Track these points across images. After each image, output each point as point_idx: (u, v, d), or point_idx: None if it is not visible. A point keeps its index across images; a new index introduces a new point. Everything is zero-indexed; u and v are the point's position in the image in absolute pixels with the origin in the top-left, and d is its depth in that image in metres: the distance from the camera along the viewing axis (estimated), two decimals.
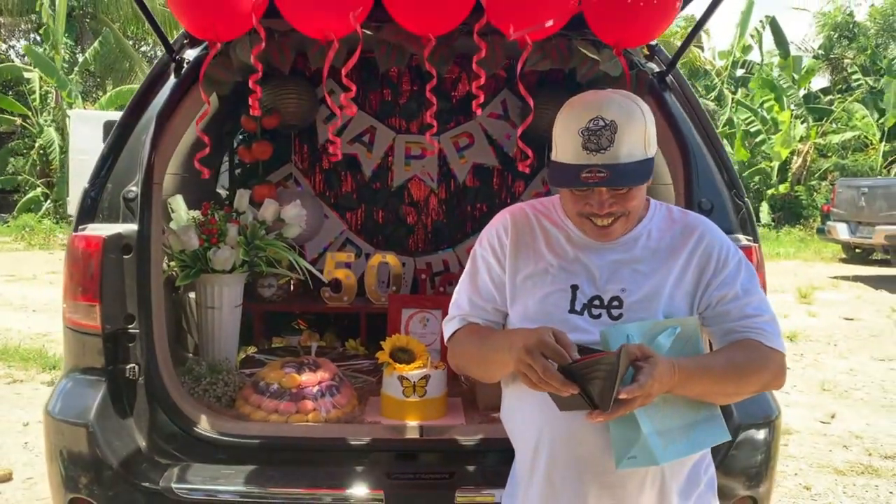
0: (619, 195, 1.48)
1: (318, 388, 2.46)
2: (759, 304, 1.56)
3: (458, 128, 3.96)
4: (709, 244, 1.57)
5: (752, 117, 18.72)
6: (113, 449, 2.13)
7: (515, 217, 1.65)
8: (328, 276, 3.39)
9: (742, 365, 1.49)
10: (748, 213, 2.38)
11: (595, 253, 1.56)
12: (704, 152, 2.42)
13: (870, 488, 4.02)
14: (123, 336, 2.21)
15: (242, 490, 2.09)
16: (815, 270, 12.81)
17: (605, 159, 1.41)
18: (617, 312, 1.52)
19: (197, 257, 2.68)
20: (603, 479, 1.50)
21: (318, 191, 3.96)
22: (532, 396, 1.52)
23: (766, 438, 2.28)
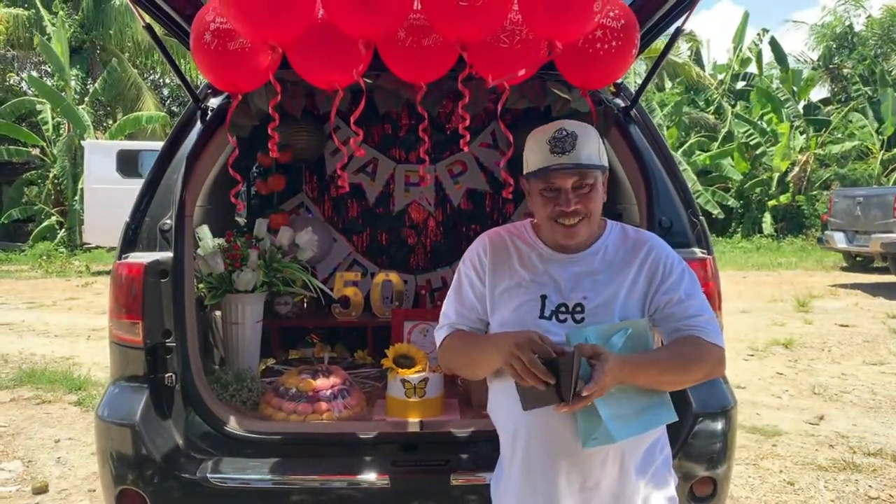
0: (582, 195, 1.73)
1: (331, 392, 2.73)
2: (700, 306, 1.79)
3: (453, 157, 4.21)
4: (656, 256, 1.81)
5: (752, 130, 18.84)
6: (156, 445, 2.39)
7: (493, 240, 1.90)
8: (338, 294, 3.63)
9: (683, 357, 1.73)
10: (702, 229, 2.65)
11: (561, 266, 1.80)
12: (664, 177, 2.69)
13: (850, 483, 4.20)
14: (162, 349, 2.47)
15: (268, 478, 2.35)
16: (816, 279, 12.90)
17: (570, 159, 1.72)
18: (580, 317, 1.75)
19: (223, 279, 2.94)
20: (571, 458, 1.74)
21: (327, 217, 4.20)
22: (512, 392, 1.76)
23: (724, 427, 2.52)
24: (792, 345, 7.77)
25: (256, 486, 2.37)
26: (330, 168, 4.14)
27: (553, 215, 1.77)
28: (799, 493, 4.10)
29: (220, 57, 2.30)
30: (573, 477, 1.76)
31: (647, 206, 2.64)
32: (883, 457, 4.62)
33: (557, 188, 1.76)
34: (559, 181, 1.75)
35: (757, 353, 7.54)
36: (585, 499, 1.76)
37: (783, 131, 18.10)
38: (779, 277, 13.27)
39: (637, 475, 1.79)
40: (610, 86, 2.88)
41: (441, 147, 4.19)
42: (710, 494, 2.51)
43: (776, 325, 8.81)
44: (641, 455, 1.81)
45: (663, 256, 1.83)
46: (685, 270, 1.83)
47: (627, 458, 1.77)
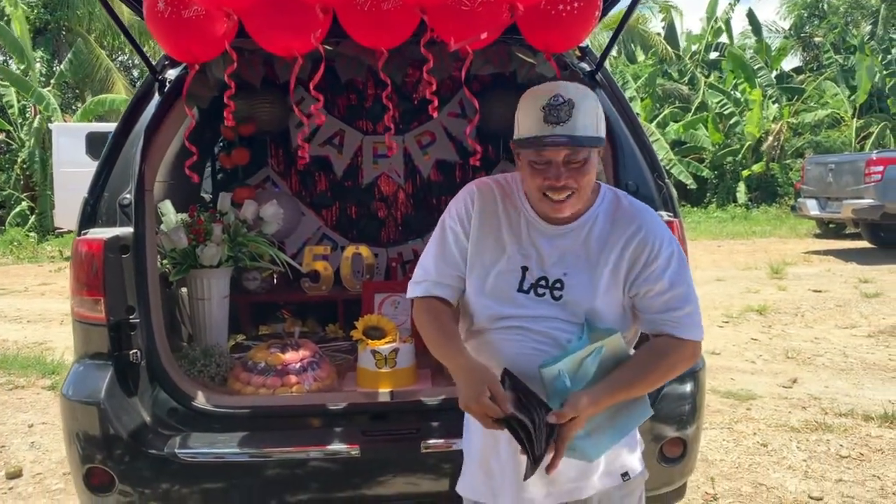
0: (573, 169, 1.62)
1: (300, 365, 2.71)
2: (683, 297, 1.71)
3: (421, 127, 4.18)
4: (644, 237, 1.71)
5: (725, 100, 18.91)
6: (122, 423, 2.36)
7: (482, 191, 1.79)
8: (307, 268, 3.60)
9: (654, 370, 1.69)
10: (668, 192, 2.65)
11: (547, 239, 1.73)
12: (630, 141, 2.67)
13: (821, 442, 4.28)
14: (126, 325, 2.43)
15: (237, 451, 2.34)
16: (789, 247, 13.03)
17: (564, 130, 1.59)
18: (558, 293, 1.70)
19: (186, 255, 2.90)
20: None
21: (294, 191, 4.16)
22: (483, 347, 1.75)
23: (692, 390, 2.54)
24: (766, 311, 7.88)
25: (225, 459, 2.35)
26: (295, 141, 4.09)
27: (541, 188, 1.68)
28: (772, 454, 4.18)
29: (175, 25, 2.27)
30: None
31: (613, 170, 2.63)
32: (854, 417, 4.72)
33: (548, 160, 1.65)
34: (550, 153, 1.64)
35: (731, 319, 7.63)
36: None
37: (756, 99, 18.17)
38: (753, 245, 13.39)
39: None
40: (575, 49, 2.86)
41: (409, 117, 4.16)
42: (680, 455, 2.53)
43: (750, 293, 8.91)
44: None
45: (651, 238, 1.73)
46: (674, 253, 1.73)
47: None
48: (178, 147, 3.21)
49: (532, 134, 1.64)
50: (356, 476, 2.40)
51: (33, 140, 17.01)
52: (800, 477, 3.87)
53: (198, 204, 3.20)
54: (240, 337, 3.43)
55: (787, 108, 19.09)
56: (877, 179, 10.93)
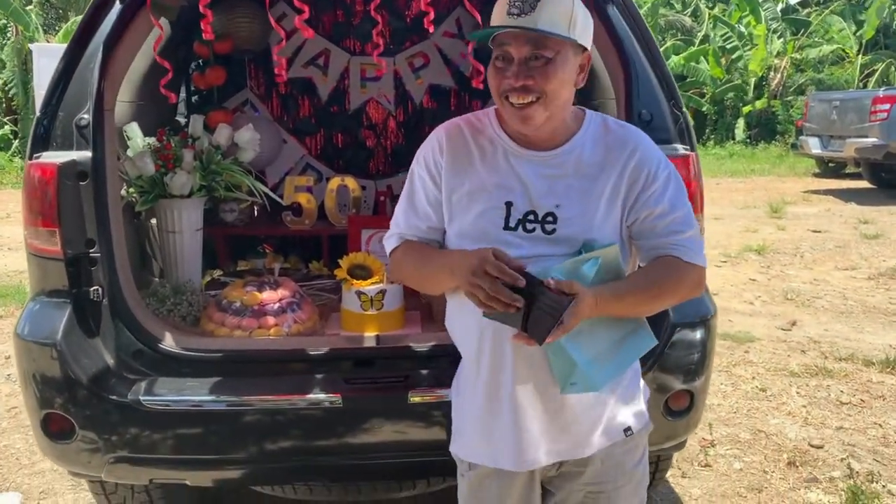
0: (535, 67, 1.48)
1: (279, 305, 2.54)
2: (684, 220, 1.61)
3: (413, 48, 3.95)
4: (640, 159, 1.59)
5: (730, 33, 18.50)
6: (81, 366, 2.20)
7: (450, 133, 1.66)
8: (289, 201, 3.43)
9: (659, 284, 1.58)
10: (685, 124, 2.44)
11: (530, 167, 1.58)
12: (646, 65, 2.45)
13: (821, 388, 4.24)
14: (85, 260, 2.26)
15: (207, 399, 2.19)
16: (788, 186, 12.97)
17: (524, 22, 1.45)
18: (550, 227, 1.56)
19: (154, 183, 2.71)
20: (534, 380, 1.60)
21: (275, 116, 3.97)
22: (463, 314, 1.62)
23: (702, 337, 2.39)
24: (764, 251, 7.84)
25: (193, 408, 2.20)
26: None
27: (502, 90, 1.52)
28: (771, 400, 4.14)
29: None
30: (537, 396, 1.62)
31: (625, 98, 2.41)
32: (854, 361, 4.68)
33: (509, 57, 1.50)
34: (512, 49, 1.49)
35: (730, 259, 7.55)
36: (549, 420, 1.63)
37: (760, 35, 17.73)
38: (752, 184, 13.30)
39: (605, 394, 1.65)
40: None
41: (400, 37, 3.92)
42: (686, 408, 2.39)
43: (749, 232, 8.84)
44: None
45: (647, 159, 1.61)
46: (671, 175, 1.62)
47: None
48: (147, 64, 2.95)
49: (492, 25, 1.50)
50: (338, 426, 2.25)
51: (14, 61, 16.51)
52: (799, 423, 3.83)
53: (168, 127, 2.94)
54: (216, 272, 3.29)
55: (791, 44, 18.68)
56: (882, 118, 10.71)
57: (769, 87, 18.30)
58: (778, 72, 18.16)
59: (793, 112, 17.50)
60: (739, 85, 18.56)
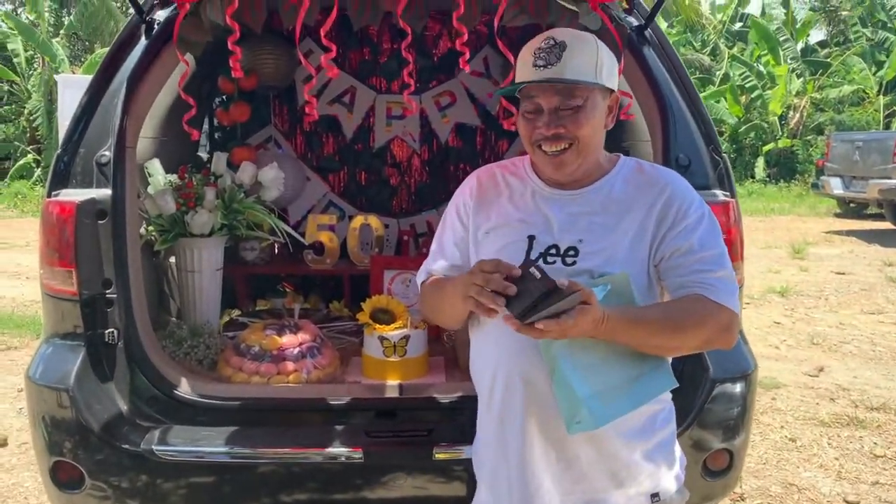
0: (566, 115, 1.50)
1: (298, 350, 2.47)
2: (715, 259, 1.54)
3: (440, 87, 3.93)
4: (671, 196, 1.56)
5: (748, 72, 18.51)
6: (94, 412, 2.15)
7: (481, 178, 1.71)
8: (310, 239, 3.39)
9: (679, 317, 1.48)
10: (725, 169, 2.38)
11: (556, 204, 1.59)
12: (683, 108, 2.40)
13: (854, 439, 4.08)
14: (101, 301, 2.21)
15: (222, 450, 2.11)
16: (809, 226, 12.82)
17: (551, 73, 1.48)
18: (571, 260, 1.53)
19: (174, 221, 2.67)
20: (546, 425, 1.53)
21: (299, 153, 3.94)
22: (489, 336, 1.59)
23: (742, 392, 2.30)
24: (788, 293, 7.70)
25: (209, 459, 2.13)
26: (302, 98, 3.80)
27: (534, 139, 1.55)
28: (802, 451, 3.98)
29: None
30: (549, 445, 1.55)
31: (662, 142, 2.35)
32: (886, 411, 4.52)
33: (538, 108, 1.53)
34: (540, 99, 1.52)
35: (753, 301, 7.41)
36: (561, 471, 1.55)
37: (781, 73, 17.72)
38: (772, 223, 13.15)
39: (628, 450, 1.56)
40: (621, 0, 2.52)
41: (427, 75, 3.90)
42: (725, 468, 2.29)
43: (771, 273, 8.71)
44: (634, 427, 1.56)
45: (678, 197, 1.57)
46: (704, 216, 1.57)
47: (617, 428, 1.52)
48: (170, 99, 2.94)
49: (520, 80, 1.54)
50: (358, 482, 2.16)
51: (40, 92, 16.81)
52: (833, 477, 3.67)
53: (190, 164, 2.93)
54: (235, 312, 3.21)
55: (811, 83, 18.64)
56: None
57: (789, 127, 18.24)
58: (798, 111, 18.10)
59: (813, 151, 17.42)
60: (759, 124, 18.52)
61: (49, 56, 16.66)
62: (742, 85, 18.50)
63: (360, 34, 3.76)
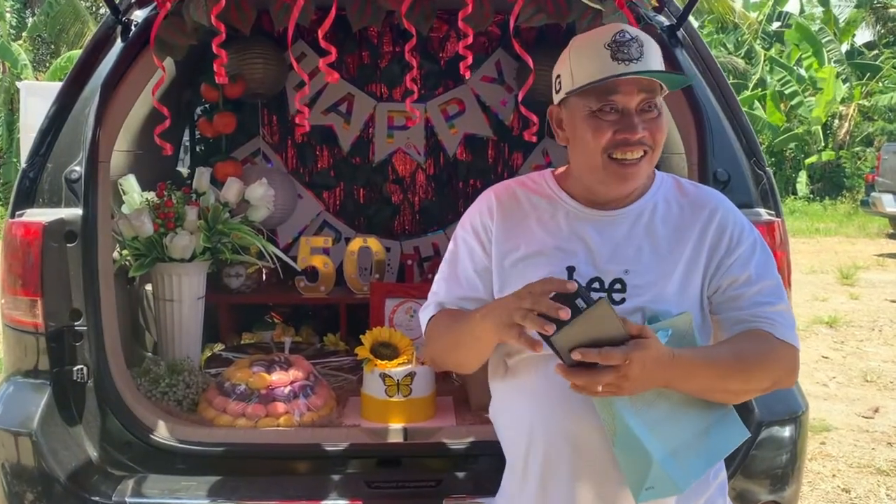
0: (650, 120, 1.50)
1: (290, 389, 2.48)
2: (773, 291, 1.55)
3: (447, 94, 3.96)
4: (722, 220, 1.57)
5: (788, 76, 18.61)
6: (59, 460, 2.16)
7: (500, 196, 1.65)
8: (303, 264, 3.40)
9: (749, 358, 1.48)
10: (769, 185, 2.39)
11: (594, 227, 1.56)
12: (720, 116, 2.43)
13: None
14: (69, 334, 2.23)
15: (205, 503, 2.12)
16: (859, 248, 12.84)
17: (640, 67, 1.46)
18: (619, 297, 1.51)
19: (152, 244, 2.69)
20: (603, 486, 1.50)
21: (290, 168, 3.97)
22: (523, 388, 1.55)
23: (792, 436, 2.30)
24: (837, 323, 7.70)
25: None
26: (293, 107, 3.84)
27: (610, 145, 1.49)
28: (856, 503, 3.93)
29: None
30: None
31: (699, 155, 2.36)
32: None
33: (618, 108, 1.49)
34: (623, 98, 1.48)
35: (798, 332, 7.36)
36: None
37: (824, 77, 17.78)
38: (817, 245, 13.18)
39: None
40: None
41: (433, 81, 3.93)
42: None
43: (818, 301, 8.71)
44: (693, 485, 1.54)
45: (731, 221, 1.59)
46: (757, 241, 1.59)
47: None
48: (147, 109, 2.97)
49: (600, 76, 1.47)
50: None
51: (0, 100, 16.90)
52: None
53: (169, 181, 2.94)
54: (218, 346, 3.25)
55: (858, 89, 18.71)
56: None
57: (834, 137, 18.29)
58: (844, 120, 18.16)
59: (861, 165, 17.46)
60: (800, 134, 18.58)
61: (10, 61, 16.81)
62: (781, 91, 18.58)
63: (358, 36, 3.79)
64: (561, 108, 1.57)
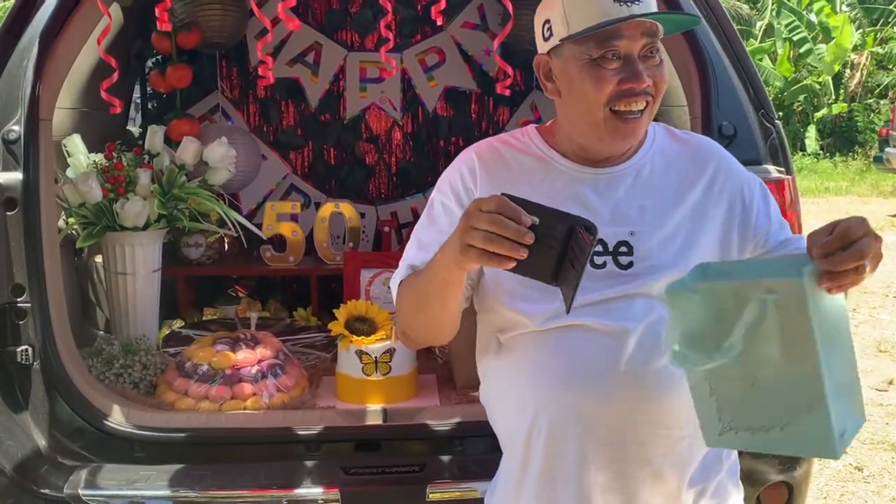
0: (653, 67, 1.49)
1: (257, 369, 2.49)
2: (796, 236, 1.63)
3: (425, 42, 3.96)
4: (727, 175, 1.61)
5: (797, 22, 18.61)
6: (4, 449, 2.16)
7: (483, 155, 1.62)
8: (269, 232, 3.40)
9: None
10: (779, 139, 2.40)
11: (590, 187, 1.55)
12: (726, 65, 2.42)
13: None
14: (11, 312, 2.22)
15: (165, 494, 2.12)
16: (872, 208, 12.91)
17: (642, 9, 1.44)
18: (626, 261, 1.51)
19: (101, 212, 2.67)
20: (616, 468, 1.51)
21: (252, 126, 3.96)
22: (521, 365, 1.54)
23: None
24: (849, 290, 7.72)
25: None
26: (255, 58, 3.80)
27: (614, 96, 1.47)
28: (870, 482, 4.04)
29: None
30: (612, 497, 1.53)
31: (702, 107, 2.36)
32: None
33: (621, 55, 1.46)
34: (627, 43, 1.46)
35: None
36: None
37: (836, 24, 17.80)
38: (828, 205, 13.29)
39: (693, 491, 1.57)
40: None
41: (410, 28, 3.92)
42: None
43: None
44: (703, 461, 1.58)
45: (735, 175, 1.63)
46: (761, 184, 1.66)
47: (686, 467, 1.55)
48: (93, 61, 2.95)
49: (600, 19, 1.44)
50: None
51: None
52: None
53: (119, 141, 2.90)
54: (177, 323, 3.26)
55: (871, 36, 18.75)
56: None
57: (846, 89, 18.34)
58: (857, 70, 18.21)
59: (875, 118, 17.54)
60: (809, 86, 18.63)
61: None
62: (790, 38, 18.58)
63: None
64: (551, 58, 1.54)
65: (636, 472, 1.51)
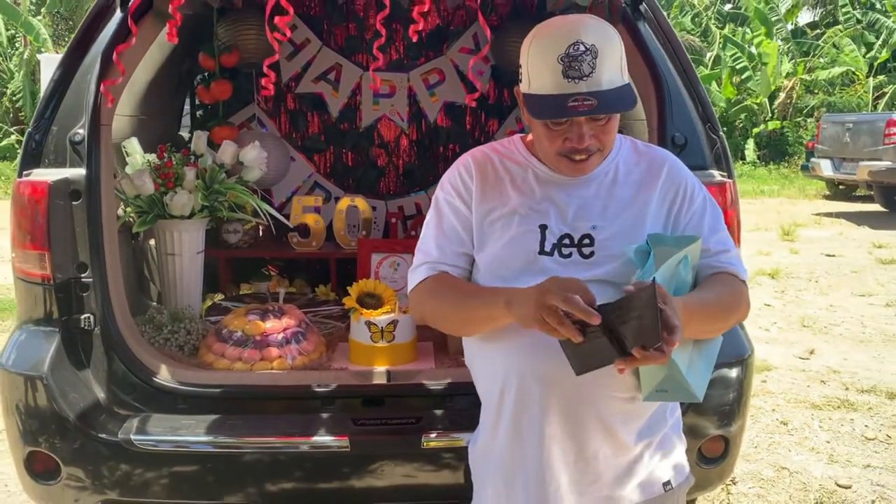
0: (598, 127, 1.44)
1: (283, 335, 2.42)
2: (727, 240, 1.58)
3: (428, 64, 3.85)
4: (675, 177, 1.57)
5: (740, 54, 18.46)
6: (69, 401, 2.10)
7: (477, 159, 1.60)
8: (295, 222, 3.33)
9: (728, 301, 1.50)
10: (723, 148, 2.34)
11: (562, 190, 1.52)
12: (679, 85, 2.36)
13: (845, 422, 4.07)
14: (76, 285, 2.16)
15: (204, 440, 2.07)
16: (799, 208, 12.80)
17: (589, 86, 1.37)
18: (588, 251, 1.49)
19: (153, 202, 2.60)
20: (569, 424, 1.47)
21: (283, 132, 3.86)
22: (500, 339, 1.50)
23: (739, 377, 2.27)
24: (778, 275, 7.70)
25: (190, 449, 2.08)
26: (286, 74, 3.72)
27: (561, 152, 1.46)
28: (793, 434, 3.96)
29: None
30: (568, 445, 1.49)
31: (658, 120, 2.31)
32: (877, 394, 4.51)
33: (569, 121, 1.42)
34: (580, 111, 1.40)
35: None
36: (580, 471, 1.51)
37: (771, 52, 17.64)
38: (762, 205, 13.15)
39: (642, 443, 1.54)
40: None
41: (415, 52, 3.81)
42: (720, 455, 2.27)
43: (761, 255, 8.70)
44: (649, 418, 1.54)
45: (683, 178, 1.58)
46: (707, 197, 1.60)
47: (633, 423, 1.51)
48: (152, 76, 2.89)
49: (549, 91, 1.40)
50: (345, 471, 2.13)
51: (22, 71, 16.54)
52: (824, 461, 3.65)
53: (169, 143, 2.83)
54: (218, 297, 3.17)
55: (801, 65, 18.59)
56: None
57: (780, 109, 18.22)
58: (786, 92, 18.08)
59: (803, 133, 17.40)
60: (749, 106, 18.50)
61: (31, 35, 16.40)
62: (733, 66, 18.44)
63: (345, 9, 3.67)
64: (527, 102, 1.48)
65: (589, 426, 1.48)
